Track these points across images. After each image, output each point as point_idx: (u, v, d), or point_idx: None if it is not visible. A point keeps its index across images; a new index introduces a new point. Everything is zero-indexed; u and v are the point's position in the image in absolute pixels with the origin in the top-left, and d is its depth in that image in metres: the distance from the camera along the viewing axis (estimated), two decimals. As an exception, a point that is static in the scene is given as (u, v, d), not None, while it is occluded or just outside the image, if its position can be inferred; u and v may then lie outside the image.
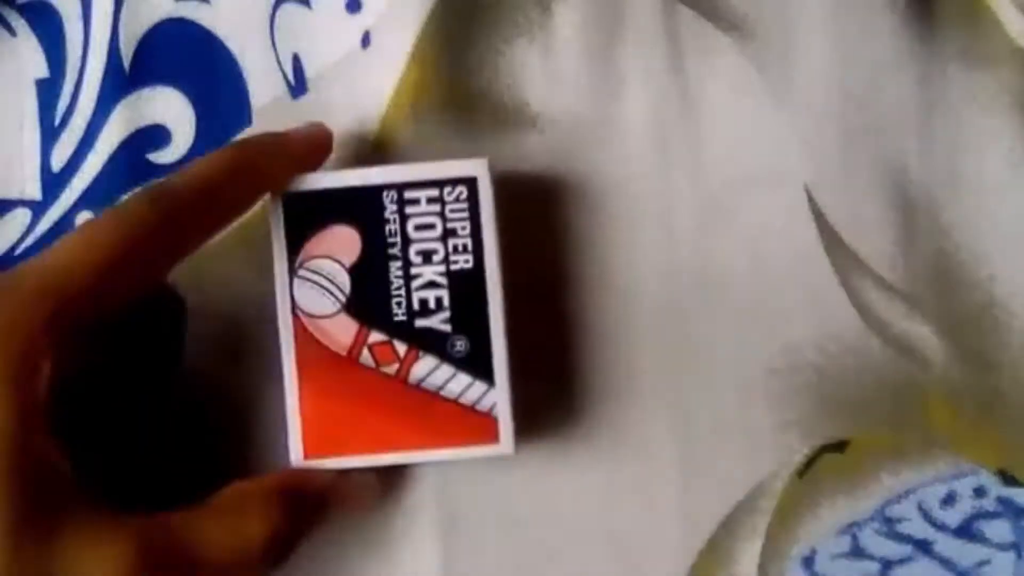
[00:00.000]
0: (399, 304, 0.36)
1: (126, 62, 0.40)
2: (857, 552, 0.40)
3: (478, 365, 0.36)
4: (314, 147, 0.37)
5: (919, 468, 0.41)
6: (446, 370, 0.36)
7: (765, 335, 0.41)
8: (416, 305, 0.36)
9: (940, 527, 0.41)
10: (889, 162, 0.42)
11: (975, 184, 0.42)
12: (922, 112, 0.42)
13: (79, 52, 0.40)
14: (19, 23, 0.40)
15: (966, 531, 0.41)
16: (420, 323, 0.36)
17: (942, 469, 0.41)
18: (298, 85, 0.40)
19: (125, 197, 0.38)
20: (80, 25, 0.40)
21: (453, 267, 0.36)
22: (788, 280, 0.41)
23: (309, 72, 0.40)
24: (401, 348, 0.36)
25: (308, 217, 0.36)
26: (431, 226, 0.36)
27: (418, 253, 0.36)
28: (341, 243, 0.36)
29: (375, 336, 0.36)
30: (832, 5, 0.42)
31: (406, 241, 0.36)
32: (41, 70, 0.40)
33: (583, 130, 0.41)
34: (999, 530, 0.41)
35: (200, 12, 0.40)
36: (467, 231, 0.36)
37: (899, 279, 0.41)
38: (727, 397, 0.41)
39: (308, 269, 0.36)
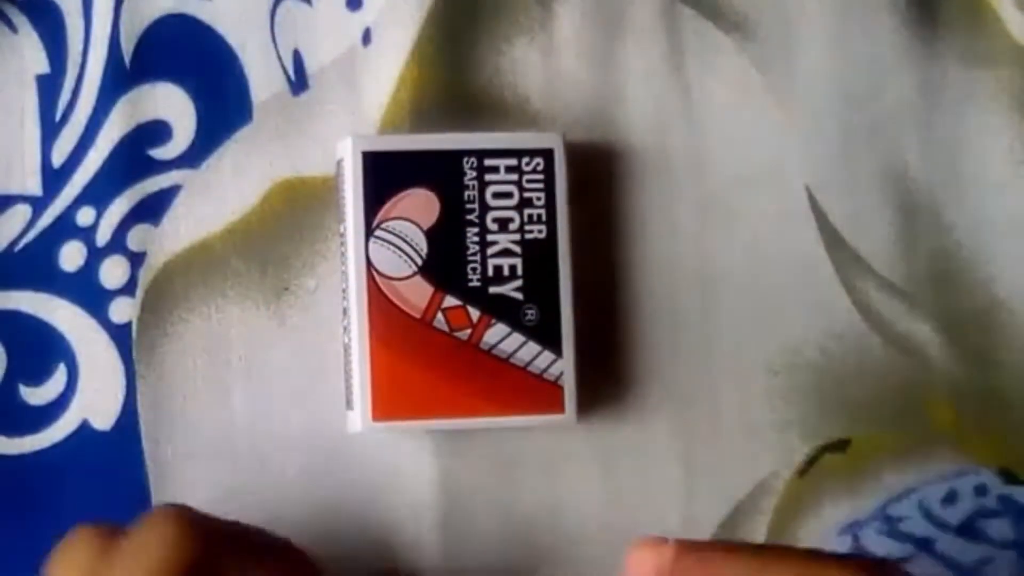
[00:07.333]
0: (474, 269, 0.37)
1: (127, 58, 0.40)
2: (859, 551, 0.40)
3: (546, 335, 0.37)
4: None
5: (920, 467, 0.41)
6: (517, 338, 0.37)
7: (765, 335, 0.41)
8: (491, 271, 0.37)
9: (941, 526, 0.41)
10: (889, 162, 0.42)
11: (975, 183, 0.42)
12: (922, 112, 0.42)
13: (80, 48, 0.40)
14: (20, 19, 0.40)
15: (967, 530, 0.41)
16: (494, 290, 0.37)
17: (943, 468, 0.41)
18: (299, 81, 0.40)
19: None
20: (81, 21, 0.40)
21: (528, 236, 0.37)
22: (789, 280, 0.41)
23: (310, 68, 0.40)
24: (474, 314, 0.37)
25: (387, 178, 0.37)
26: (508, 194, 0.37)
27: (495, 220, 0.37)
28: (420, 206, 0.37)
29: (449, 300, 0.37)
30: (832, 5, 0.42)
31: (484, 207, 0.37)
32: (42, 66, 0.40)
33: (583, 130, 0.41)
34: (1000, 529, 0.41)
35: (201, 8, 0.40)
36: (542, 202, 0.37)
37: (900, 278, 0.41)
38: (728, 397, 0.41)
39: (385, 230, 0.36)
